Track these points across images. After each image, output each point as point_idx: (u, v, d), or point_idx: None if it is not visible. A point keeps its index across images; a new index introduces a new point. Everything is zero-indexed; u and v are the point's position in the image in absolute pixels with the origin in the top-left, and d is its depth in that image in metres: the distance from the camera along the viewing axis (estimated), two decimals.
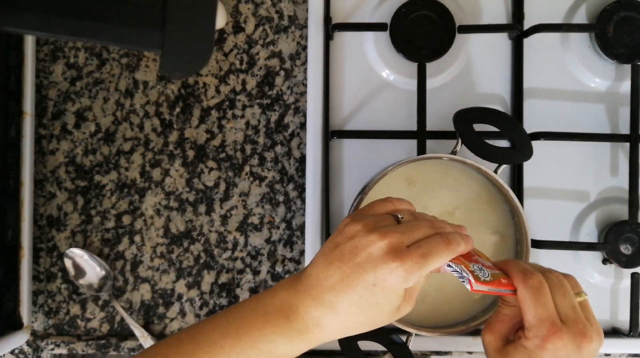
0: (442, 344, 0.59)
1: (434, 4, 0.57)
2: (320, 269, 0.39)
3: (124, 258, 0.61)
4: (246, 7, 0.61)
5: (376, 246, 0.38)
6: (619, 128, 0.60)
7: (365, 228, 0.39)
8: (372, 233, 0.38)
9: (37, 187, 0.61)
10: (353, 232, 0.39)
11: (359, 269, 0.38)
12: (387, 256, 0.37)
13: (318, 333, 0.39)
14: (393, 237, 0.38)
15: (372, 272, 0.37)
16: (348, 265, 0.38)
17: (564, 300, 0.40)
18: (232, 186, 0.61)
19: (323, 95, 0.58)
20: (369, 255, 0.38)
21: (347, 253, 0.38)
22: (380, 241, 0.38)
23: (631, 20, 0.57)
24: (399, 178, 0.54)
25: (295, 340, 0.39)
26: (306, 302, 0.39)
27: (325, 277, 0.39)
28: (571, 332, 0.39)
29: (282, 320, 0.39)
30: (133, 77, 0.61)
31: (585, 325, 0.40)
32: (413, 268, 0.37)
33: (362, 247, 0.38)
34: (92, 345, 0.60)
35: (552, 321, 0.39)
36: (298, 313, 0.39)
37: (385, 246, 0.37)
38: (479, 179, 0.54)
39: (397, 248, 0.37)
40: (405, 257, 0.37)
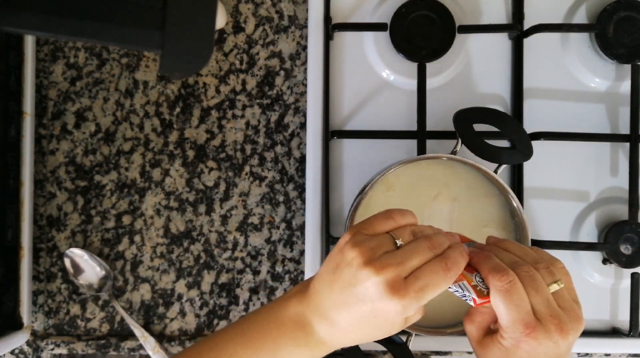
0: (442, 344, 0.59)
1: (434, 4, 0.57)
2: (325, 288, 0.40)
3: (124, 258, 0.61)
4: (246, 7, 0.61)
5: (372, 281, 0.37)
6: (619, 128, 0.60)
7: (362, 257, 0.38)
8: (369, 265, 0.38)
9: (37, 187, 0.61)
10: (350, 258, 0.39)
11: (358, 301, 0.38)
12: (384, 293, 0.37)
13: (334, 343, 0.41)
14: (389, 272, 0.37)
15: (371, 305, 0.38)
16: (348, 293, 0.39)
17: (536, 295, 0.39)
18: (232, 186, 0.61)
19: (323, 95, 0.58)
20: (367, 289, 0.38)
21: (347, 281, 0.39)
22: (376, 277, 0.37)
23: (631, 20, 0.57)
24: (399, 178, 0.54)
25: (316, 350, 0.41)
26: (318, 318, 0.40)
27: (329, 298, 0.40)
28: (546, 329, 0.38)
29: (300, 333, 0.41)
30: (133, 77, 0.61)
31: (560, 320, 0.39)
32: (411, 302, 0.37)
33: (360, 280, 0.38)
34: (92, 345, 0.60)
35: (525, 322, 0.38)
36: (312, 328, 0.41)
37: (382, 282, 0.37)
38: (479, 179, 0.54)
39: (394, 284, 0.37)
40: (403, 293, 0.37)
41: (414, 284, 0.37)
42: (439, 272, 0.38)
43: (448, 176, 0.54)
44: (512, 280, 0.39)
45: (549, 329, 0.38)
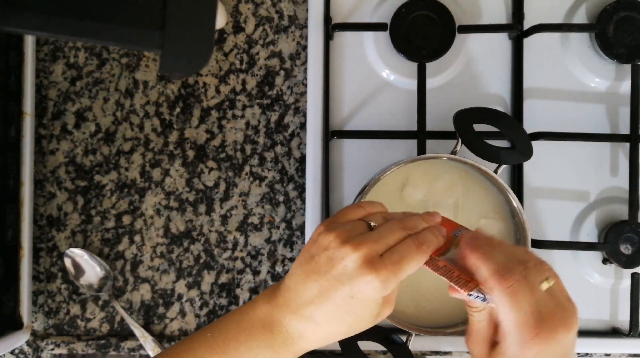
0: (442, 344, 0.59)
1: (434, 4, 0.57)
2: (297, 281, 0.40)
3: (124, 258, 0.61)
4: (246, 7, 0.61)
5: (351, 258, 0.38)
6: (619, 128, 0.60)
7: (338, 238, 0.39)
8: (346, 244, 0.38)
9: (37, 187, 0.61)
10: (327, 243, 0.39)
11: (335, 282, 0.38)
12: (362, 268, 0.37)
13: (302, 344, 0.40)
14: (366, 248, 0.38)
15: (349, 285, 0.38)
16: (325, 277, 0.38)
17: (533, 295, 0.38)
18: (232, 186, 0.61)
19: (323, 95, 0.58)
20: (344, 268, 0.38)
21: (323, 266, 0.39)
22: (354, 253, 0.38)
23: (631, 20, 0.57)
24: (399, 178, 0.54)
25: (281, 352, 0.40)
26: (287, 315, 0.40)
27: (304, 290, 0.39)
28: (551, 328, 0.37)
29: (266, 334, 0.40)
30: (133, 77, 0.61)
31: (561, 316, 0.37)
32: (388, 277, 0.38)
33: (337, 260, 0.38)
34: (92, 345, 0.60)
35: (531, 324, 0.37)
36: (281, 326, 0.40)
37: (360, 258, 0.38)
38: (479, 179, 0.54)
39: (372, 259, 0.38)
40: (380, 267, 0.37)
41: (389, 258, 0.38)
42: (412, 247, 0.39)
43: (448, 177, 0.54)
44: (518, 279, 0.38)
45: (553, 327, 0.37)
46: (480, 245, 0.41)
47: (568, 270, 0.59)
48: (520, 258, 0.40)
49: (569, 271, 0.59)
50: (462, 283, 0.39)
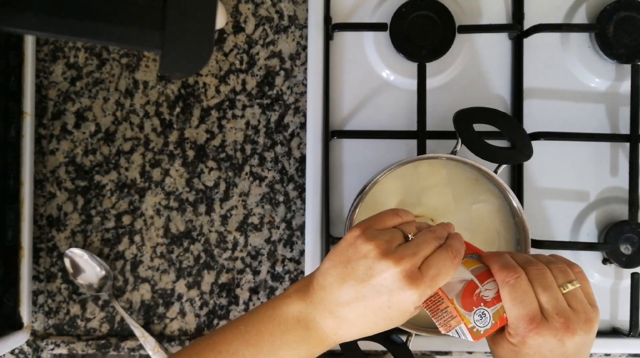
0: (442, 344, 0.59)
1: (434, 4, 0.57)
2: (333, 283, 0.40)
3: (124, 258, 0.61)
4: (246, 7, 0.61)
5: (391, 272, 0.39)
6: (619, 128, 0.60)
7: (378, 249, 0.39)
8: (387, 257, 0.39)
9: (37, 187, 0.61)
10: (366, 251, 0.40)
11: (374, 292, 0.39)
12: (402, 282, 0.38)
13: (336, 339, 0.41)
14: (407, 263, 0.39)
15: (388, 296, 0.39)
16: (363, 285, 0.39)
17: (544, 293, 0.40)
18: (232, 186, 0.61)
19: (323, 95, 0.58)
20: (384, 280, 0.39)
21: (362, 274, 0.39)
22: (395, 268, 0.38)
23: (631, 20, 0.57)
24: (399, 178, 0.54)
25: (317, 347, 0.41)
26: (323, 314, 0.41)
27: (339, 292, 0.40)
28: (552, 327, 0.39)
29: (300, 330, 0.41)
30: (133, 77, 0.61)
31: (568, 318, 0.39)
32: (426, 291, 0.39)
33: (378, 272, 0.39)
34: (92, 345, 0.60)
35: (530, 318, 0.39)
36: (316, 324, 0.41)
37: (401, 273, 0.38)
38: (479, 179, 0.54)
39: (411, 274, 0.39)
40: (419, 282, 0.39)
41: (427, 273, 0.39)
42: (447, 260, 0.40)
43: (448, 177, 0.54)
44: (518, 275, 0.40)
45: (554, 326, 0.39)
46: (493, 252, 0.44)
47: None
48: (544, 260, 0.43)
49: None
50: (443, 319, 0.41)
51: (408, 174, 0.54)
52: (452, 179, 0.54)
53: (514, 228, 0.54)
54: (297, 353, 0.41)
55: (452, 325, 0.40)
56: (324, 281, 0.41)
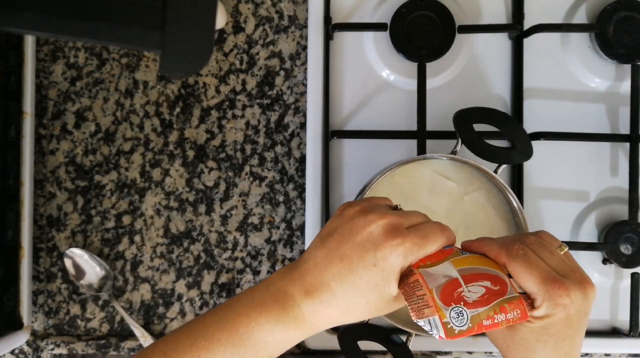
0: (442, 344, 0.59)
1: (434, 4, 0.57)
2: (317, 254, 0.39)
3: (124, 258, 0.61)
4: (246, 7, 0.61)
5: (377, 224, 0.38)
6: (619, 128, 0.60)
7: (364, 209, 0.40)
8: (372, 213, 0.39)
9: (37, 187, 0.61)
10: (352, 213, 0.40)
11: (359, 248, 0.38)
12: (388, 234, 0.38)
13: (314, 320, 0.39)
14: (392, 217, 0.39)
15: (373, 251, 0.38)
16: (347, 245, 0.38)
17: (552, 256, 0.40)
18: (232, 186, 0.61)
19: (323, 95, 0.58)
20: (370, 234, 0.38)
21: (347, 234, 0.39)
22: (381, 220, 0.38)
23: (631, 20, 0.57)
24: (399, 178, 0.54)
25: (292, 328, 0.39)
26: (302, 288, 0.39)
27: (323, 260, 0.39)
28: (573, 281, 0.38)
29: (277, 309, 0.39)
30: (133, 77, 0.61)
31: (582, 273, 0.39)
32: (412, 247, 0.38)
33: (362, 226, 0.38)
34: (92, 345, 0.60)
35: (552, 278, 0.38)
36: (294, 301, 0.39)
37: (386, 224, 0.38)
38: (478, 179, 0.54)
39: (397, 228, 0.38)
40: (405, 236, 0.38)
41: (415, 232, 0.38)
42: (436, 228, 0.40)
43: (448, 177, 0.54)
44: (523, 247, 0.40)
45: (574, 280, 0.38)
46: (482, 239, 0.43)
47: None
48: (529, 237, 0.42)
49: None
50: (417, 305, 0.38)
51: (408, 174, 0.54)
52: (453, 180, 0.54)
53: (514, 228, 0.54)
54: (271, 336, 0.39)
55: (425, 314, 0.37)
56: (308, 255, 0.40)
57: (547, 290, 0.38)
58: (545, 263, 0.39)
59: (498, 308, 0.37)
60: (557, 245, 0.42)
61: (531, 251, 0.39)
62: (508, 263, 0.39)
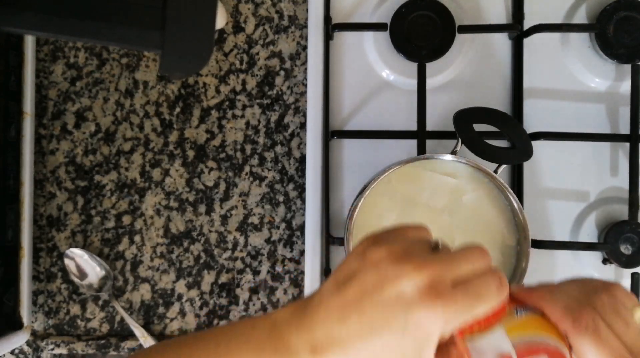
0: None
1: (434, 4, 0.57)
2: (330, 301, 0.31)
3: (124, 258, 0.61)
4: (246, 7, 0.61)
5: (411, 280, 0.29)
6: (619, 128, 0.60)
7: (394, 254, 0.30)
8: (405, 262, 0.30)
9: (37, 187, 0.61)
10: (377, 258, 0.31)
11: (385, 310, 0.29)
12: (425, 295, 0.29)
13: None
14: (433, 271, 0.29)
15: (404, 315, 0.29)
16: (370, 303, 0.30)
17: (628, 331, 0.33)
18: (232, 186, 0.61)
19: (323, 95, 0.58)
20: (401, 292, 0.29)
21: (370, 287, 0.30)
22: (417, 273, 0.29)
23: (631, 20, 0.57)
24: (399, 178, 0.54)
25: None
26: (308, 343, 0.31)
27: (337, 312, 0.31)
28: None
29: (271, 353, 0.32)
30: (133, 77, 0.61)
31: None
32: (456, 314, 0.29)
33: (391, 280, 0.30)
34: (92, 345, 0.60)
35: None
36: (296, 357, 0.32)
37: (424, 281, 0.29)
38: (479, 179, 0.54)
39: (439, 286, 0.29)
40: (448, 298, 0.29)
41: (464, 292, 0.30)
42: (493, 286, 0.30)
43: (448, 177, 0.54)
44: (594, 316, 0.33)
45: None
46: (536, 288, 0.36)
47: (568, 270, 0.59)
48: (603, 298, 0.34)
49: (569, 271, 0.59)
50: None
51: (408, 175, 0.54)
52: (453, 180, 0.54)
53: (514, 228, 0.54)
54: None
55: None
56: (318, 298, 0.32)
57: None
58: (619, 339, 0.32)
59: None
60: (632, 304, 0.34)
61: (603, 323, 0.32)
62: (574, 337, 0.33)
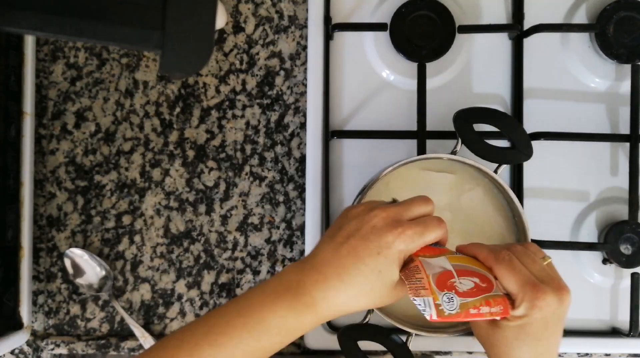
0: (442, 344, 0.59)
1: (434, 4, 0.57)
2: (326, 248, 0.43)
3: (124, 258, 0.61)
4: (246, 7, 0.61)
5: (379, 218, 0.42)
6: (619, 128, 0.60)
7: (366, 207, 0.44)
8: (374, 209, 0.43)
9: (37, 187, 0.61)
10: (355, 213, 0.44)
11: (364, 240, 0.42)
12: (389, 225, 0.42)
13: (325, 306, 0.42)
14: (394, 210, 0.43)
15: (377, 240, 0.41)
16: (354, 238, 0.42)
17: (534, 264, 0.44)
18: (232, 186, 0.61)
19: (323, 95, 0.58)
20: (373, 227, 0.42)
21: (353, 230, 0.43)
22: (383, 213, 0.43)
23: (631, 20, 0.57)
24: (399, 178, 0.54)
25: (304, 314, 0.42)
26: (313, 277, 0.42)
27: (332, 253, 0.42)
28: (551, 287, 0.42)
29: (290, 296, 0.42)
30: (133, 77, 0.61)
31: (559, 281, 0.43)
32: (413, 236, 0.42)
33: (366, 221, 0.43)
34: (92, 345, 0.60)
35: (532, 282, 0.42)
36: (305, 288, 0.42)
37: (388, 216, 0.42)
38: (479, 179, 0.54)
39: (398, 219, 0.43)
40: (406, 226, 0.42)
41: (415, 222, 0.43)
42: (434, 220, 0.44)
43: (448, 176, 0.54)
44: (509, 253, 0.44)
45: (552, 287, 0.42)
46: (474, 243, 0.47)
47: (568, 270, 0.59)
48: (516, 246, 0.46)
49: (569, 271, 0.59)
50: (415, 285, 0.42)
51: (408, 175, 0.54)
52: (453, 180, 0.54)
53: (514, 227, 0.54)
54: (284, 322, 0.41)
55: (422, 294, 0.41)
56: (318, 250, 0.44)
57: (525, 292, 0.42)
58: (527, 269, 0.43)
59: (484, 301, 0.41)
60: (541, 255, 0.46)
61: (516, 258, 0.44)
62: (494, 266, 0.44)
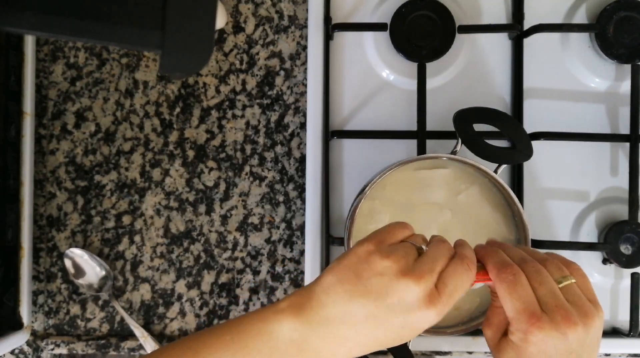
0: (442, 344, 0.59)
1: (434, 4, 0.57)
2: (337, 301, 0.38)
3: (124, 258, 0.61)
4: (246, 7, 0.61)
5: (410, 292, 0.37)
6: (619, 128, 0.60)
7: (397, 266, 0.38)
8: (406, 276, 0.37)
9: (37, 187, 0.61)
10: (382, 268, 0.38)
11: (388, 312, 0.37)
12: (421, 303, 0.37)
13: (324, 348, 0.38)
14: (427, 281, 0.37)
15: (404, 317, 0.37)
16: (376, 304, 0.37)
17: (541, 287, 0.39)
18: (232, 186, 0.61)
19: (323, 95, 0.58)
20: (402, 301, 0.37)
21: (375, 292, 0.37)
22: (416, 287, 0.37)
23: (631, 20, 0.57)
24: (399, 178, 0.54)
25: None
26: (321, 335, 0.38)
27: (346, 312, 0.37)
28: (552, 320, 0.38)
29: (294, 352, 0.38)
30: (133, 77, 0.61)
31: (567, 311, 0.38)
32: (443, 310, 0.38)
33: (395, 290, 0.37)
34: (92, 345, 0.60)
35: (530, 312, 0.38)
36: (313, 346, 0.38)
37: (421, 293, 0.37)
38: (478, 179, 0.54)
39: (432, 293, 0.37)
40: (437, 302, 0.37)
41: (444, 290, 0.38)
42: (464, 274, 0.39)
43: (448, 176, 0.54)
44: (515, 272, 0.40)
45: (555, 319, 0.38)
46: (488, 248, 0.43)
47: None
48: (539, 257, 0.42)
49: None
50: None
51: (408, 174, 0.54)
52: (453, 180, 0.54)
53: (514, 228, 0.54)
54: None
55: None
56: (327, 299, 0.38)
57: (520, 321, 0.38)
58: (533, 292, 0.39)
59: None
60: (561, 274, 0.41)
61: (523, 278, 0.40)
62: (495, 283, 0.40)
